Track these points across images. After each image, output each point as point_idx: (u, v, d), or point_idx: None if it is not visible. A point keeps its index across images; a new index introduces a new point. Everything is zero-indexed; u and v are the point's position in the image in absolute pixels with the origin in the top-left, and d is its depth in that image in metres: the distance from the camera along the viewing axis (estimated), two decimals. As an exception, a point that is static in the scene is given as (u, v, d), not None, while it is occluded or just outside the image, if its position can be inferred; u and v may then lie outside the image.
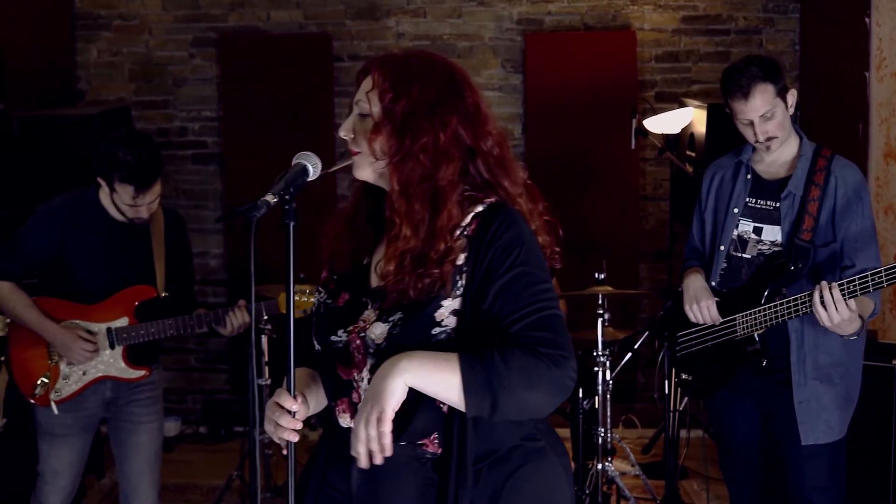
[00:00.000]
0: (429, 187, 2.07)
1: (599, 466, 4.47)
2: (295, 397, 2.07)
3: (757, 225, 3.42)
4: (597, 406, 4.48)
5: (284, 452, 2.07)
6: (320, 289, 2.28)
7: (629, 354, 4.85)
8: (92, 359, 3.66)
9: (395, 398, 1.94)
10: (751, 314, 3.33)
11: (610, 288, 4.52)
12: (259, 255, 4.30)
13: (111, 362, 3.71)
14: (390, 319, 2.08)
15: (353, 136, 2.15)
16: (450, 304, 2.06)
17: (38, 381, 3.65)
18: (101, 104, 6.09)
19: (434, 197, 2.07)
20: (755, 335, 3.34)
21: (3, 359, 3.86)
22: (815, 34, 5.93)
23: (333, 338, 2.15)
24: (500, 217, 2.08)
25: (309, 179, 2.11)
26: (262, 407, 4.45)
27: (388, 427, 1.94)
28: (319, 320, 2.23)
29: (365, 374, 2.11)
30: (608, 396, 4.56)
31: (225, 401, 6.43)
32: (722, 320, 3.43)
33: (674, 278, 5.75)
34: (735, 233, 3.46)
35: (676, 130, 5.41)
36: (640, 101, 5.95)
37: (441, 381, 1.96)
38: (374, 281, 2.19)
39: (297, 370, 2.21)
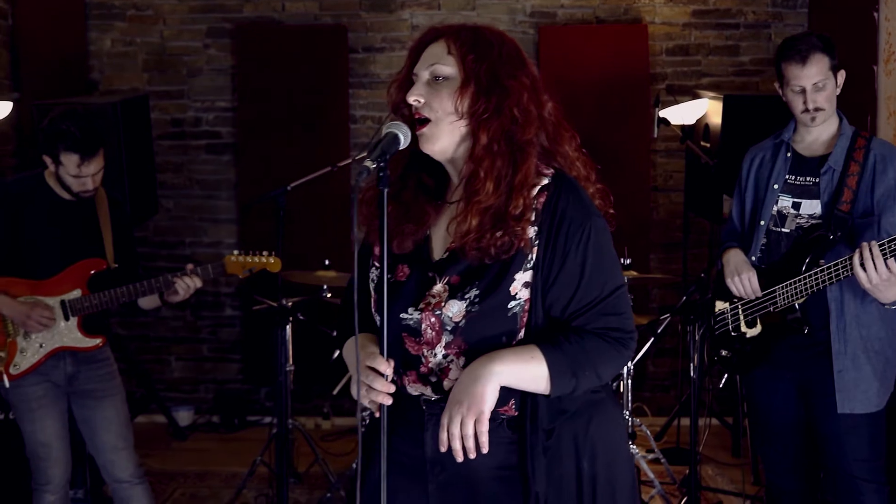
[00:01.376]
0: (512, 144, 2.15)
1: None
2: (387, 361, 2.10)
3: (796, 200, 3.51)
4: (621, 390, 4.54)
5: (377, 415, 2.08)
6: (376, 263, 2.30)
7: (651, 339, 4.92)
8: (50, 326, 3.74)
9: (491, 401, 2.06)
10: (790, 284, 3.40)
11: (635, 273, 4.58)
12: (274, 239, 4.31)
13: (67, 333, 3.80)
14: (466, 297, 2.13)
15: (423, 101, 2.17)
16: (521, 276, 2.13)
17: None
18: (115, 94, 6.10)
19: (515, 154, 2.15)
20: (795, 304, 3.41)
21: None
22: (824, 28, 6.00)
23: (403, 315, 2.18)
24: (566, 189, 2.18)
25: (400, 147, 2.13)
26: (287, 394, 4.51)
27: (486, 427, 2.04)
28: (381, 296, 2.22)
29: (438, 350, 2.16)
30: (629, 382, 4.61)
31: (237, 390, 6.45)
32: (762, 293, 3.51)
33: (689, 267, 5.84)
34: (775, 208, 3.54)
35: (692, 121, 5.50)
36: (653, 94, 6.04)
37: (530, 376, 2.10)
38: (437, 253, 2.23)
39: (359, 338, 2.24)
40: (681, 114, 5.41)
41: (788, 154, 3.56)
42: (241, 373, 6.46)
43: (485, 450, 2.05)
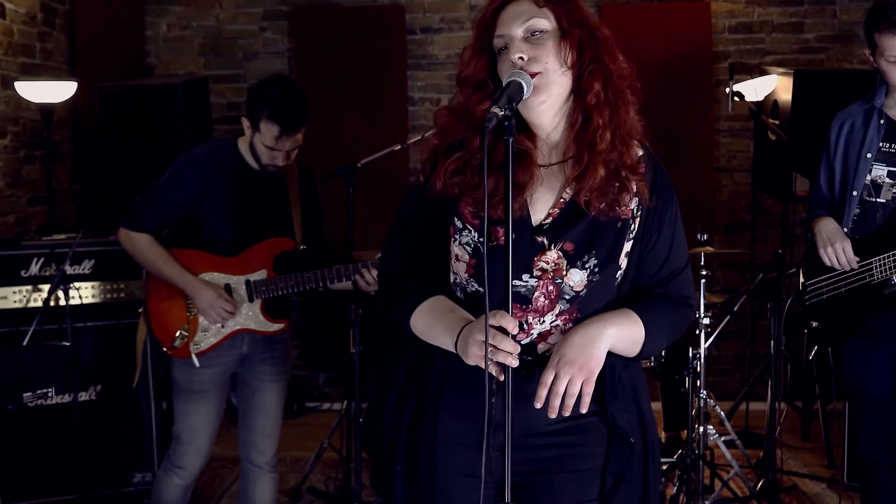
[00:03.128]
0: (616, 92, 2.13)
1: (701, 430, 4.43)
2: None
3: (891, 169, 3.40)
4: (699, 370, 4.44)
5: (501, 378, 1.97)
6: (469, 227, 2.19)
7: (728, 318, 4.82)
8: (228, 319, 3.58)
9: (601, 363, 2.08)
10: (888, 257, 3.31)
11: (711, 248, 4.46)
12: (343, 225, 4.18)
13: (250, 315, 3.63)
14: (587, 266, 2.12)
15: (527, 57, 2.10)
16: (626, 246, 2.16)
17: (177, 333, 3.59)
18: (172, 78, 6.06)
19: (618, 105, 2.14)
20: (893, 278, 3.31)
21: (141, 310, 3.80)
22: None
23: (517, 282, 2.12)
24: (658, 164, 2.22)
25: (524, 97, 2.05)
26: (356, 375, 4.44)
27: (592, 388, 2.04)
28: (483, 261, 2.15)
29: (548, 317, 2.13)
30: (703, 361, 4.51)
31: (297, 376, 6.40)
32: (857, 265, 3.41)
33: (756, 248, 5.74)
34: (868, 178, 3.43)
35: (760, 98, 5.39)
36: (716, 73, 5.94)
37: (631, 340, 2.15)
38: (537, 218, 2.16)
39: (442, 300, 2.20)
40: (749, 89, 5.31)
41: (882, 121, 3.45)
42: (300, 358, 6.41)
43: (584, 409, 2.04)
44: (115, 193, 5.43)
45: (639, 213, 2.16)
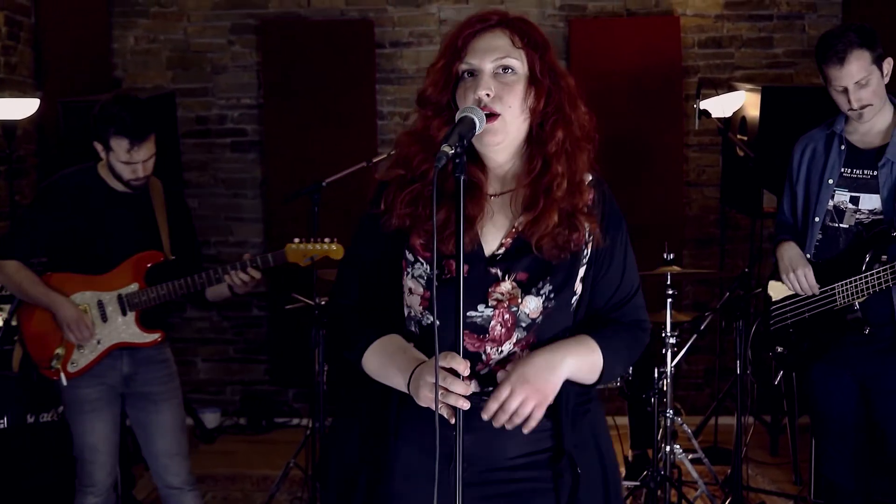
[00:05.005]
0: (574, 142, 2.14)
1: (668, 449, 4.42)
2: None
3: (854, 194, 3.40)
4: (665, 389, 4.43)
5: (452, 421, 1.95)
6: (420, 260, 2.19)
7: (695, 336, 4.82)
8: (87, 340, 3.63)
9: (556, 392, 2.08)
10: (851, 282, 3.31)
11: (677, 268, 4.46)
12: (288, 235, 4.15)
13: (124, 328, 3.69)
14: (542, 293, 2.13)
15: (492, 94, 2.08)
16: (580, 272, 2.17)
17: (54, 354, 3.64)
18: (139, 92, 6.00)
19: (576, 152, 2.15)
20: (856, 303, 3.31)
21: (16, 338, 3.82)
22: (859, 19, 5.91)
23: (471, 313, 2.11)
24: (607, 190, 2.23)
25: (477, 133, 2.03)
26: (321, 396, 4.41)
27: (542, 413, 2.04)
28: (435, 293, 2.12)
29: (507, 347, 2.13)
30: (670, 380, 4.50)
31: (264, 392, 6.36)
32: (819, 291, 3.41)
33: (725, 262, 5.74)
34: (831, 203, 3.43)
35: (728, 113, 5.39)
36: (686, 87, 5.95)
37: (588, 367, 2.16)
38: (489, 248, 2.16)
39: (394, 339, 2.18)
40: (717, 106, 5.31)
41: (842, 146, 3.45)
42: (268, 374, 6.36)
43: (527, 431, 2.04)
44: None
45: (591, 238, 2.17)
